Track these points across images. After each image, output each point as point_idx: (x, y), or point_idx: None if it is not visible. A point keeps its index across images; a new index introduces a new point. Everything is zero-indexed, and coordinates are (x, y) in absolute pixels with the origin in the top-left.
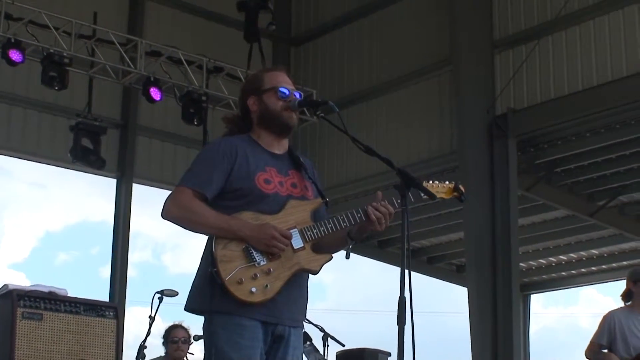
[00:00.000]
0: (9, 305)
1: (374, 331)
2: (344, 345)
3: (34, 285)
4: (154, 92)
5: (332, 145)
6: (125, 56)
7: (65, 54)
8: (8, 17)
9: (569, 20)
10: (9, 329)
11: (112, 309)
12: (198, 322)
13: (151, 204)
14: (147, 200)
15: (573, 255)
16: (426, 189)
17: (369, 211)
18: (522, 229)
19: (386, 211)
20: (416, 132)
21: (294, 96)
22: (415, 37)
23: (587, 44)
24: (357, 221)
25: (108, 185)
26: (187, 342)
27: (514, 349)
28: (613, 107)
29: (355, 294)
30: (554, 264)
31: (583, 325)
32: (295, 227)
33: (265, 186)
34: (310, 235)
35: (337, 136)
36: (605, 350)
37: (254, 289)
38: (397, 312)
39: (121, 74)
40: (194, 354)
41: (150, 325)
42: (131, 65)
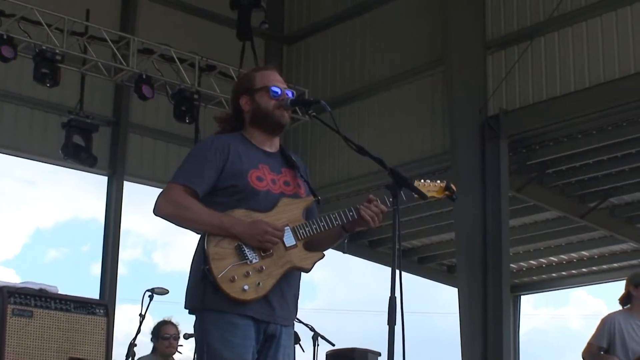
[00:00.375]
0: None
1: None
2: (334, 344)
3: (24, 282)
4: (146, 90)
5: (324, 145)
6: (118, 53)
7: (57, 51)
8: (0, 13)
9: (562, 21)
10: None
11: (103, 306)
12: (187, 319)
13: (142, 201)
14: (139, 198)
15: (564, 256)
16: (418, 189)
17: (361, 210)
18: (513, 230)
19: (378, 210)
20: (408, 132)
21: (286, 95)
22: (408, 37)
23: (579, 46)
24: (350, 220)
25: (99, 183)
26: (177, 339)
27: (503, 350)
28: (605, 108)
29: (346, 294)
30: (544, 265)
31: (573, 327)
32: (288, 225)
33: (258, 183)
34: (303, 233)
35: (329, 135)
36: (603, 353)
37: (246, 286)
38: (387, 312)
39: (113, 72)
40: (182, 345)
41: (141, 323)
42: (123, 62)
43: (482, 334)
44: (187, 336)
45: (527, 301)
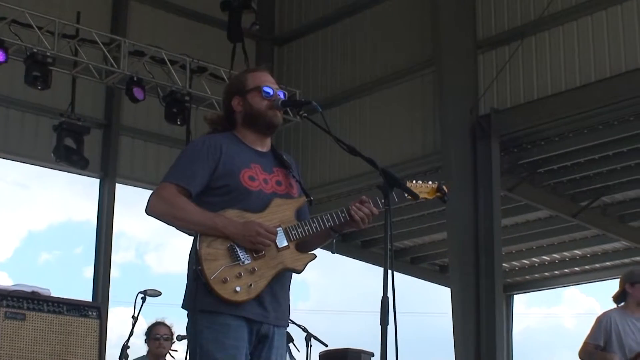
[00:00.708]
0: None
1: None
2: (327, 345)
3: (16, 285)
4: (137, 92)
5: (315, 146)
6: (109, 56)
7: (48, 54)
8: None
9: (553, 20)
10: None
11: (95, 309)
12: (181, 320)
13: (134, 204)
14: (131, 200)
15: (556, 255)
16: (409, 189)
17: (352, 211)
18: (505, 229)
19: (369, 212)
20: (399, 132)
21: (278, 95)
22: (399, 37)
23: (570, 45)
24: (342, 221)
25: (91, 185)
26: (169, 340)
27: (496, 349)
28: (596, 107)
29: (339, 294)
30: (537, 265)
31: (566, 326)
32: (280, 226)
33: (250, 183)
34: (295, 234)
35: (320, 136)
36: (602, 352)
37: (238, 287)
38: (380, 312)
39: (104, 74)
40: (177, 350)
41: (134, 325)
42: (114, 65)
43: (475, 333)
44: (180, 338)
45: (520, 300)
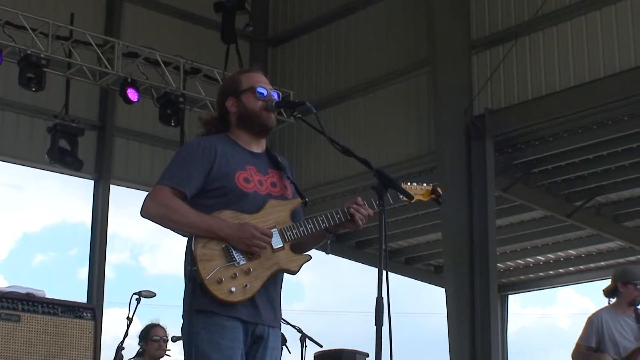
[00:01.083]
0: None
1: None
2: (321, 345)
3: (11, 286)
4: (131, 94)
5: (309, 147)
6: (103, 57)
7: (42, 55)
8: None
9: (547, 20)
10: None
11: (90, 310)
12: (175, 322)
13: (129, 205)
14: (125, 201)
15: (551, 255)
16: (404, 190)
17: (352, 210)
18: (500, 229)
19: (365, 212)
20: (394, 133)
21: (272, 96)
22: (393, 38)
23: (564, 45)
24: (337, 222)
25: (85, 187)
26: (166, 342)
27: (491, 350)
28: (590, 107)
29: (333, 295)
30: (531, 265)
31: (561, 326)
32: (275, 227)
33: (245, 185)
34: (290, 235)
35: (314, 137)
36: (595, 352)
37: (233, 288)
38: (374, 313)
39: (98, 75)
40: (170, 350)
41: (128, 326)
42: (108, 66)
43: (470, 334)
44: (175, 339)
45: (515, 300)
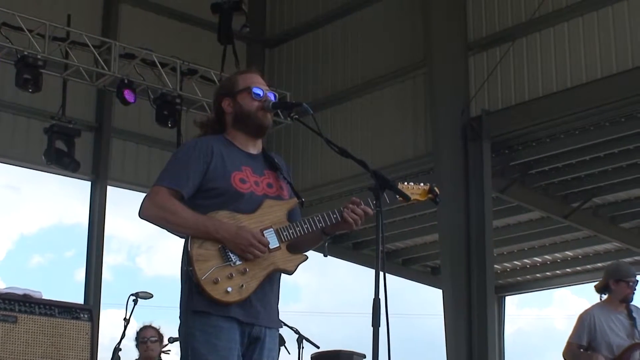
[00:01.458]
0: None
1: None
2: (318, 347)
3: (8, 287)
4: (128, 95)
5: (306, 148)
6: (99, 58)
7: (39, 57)
8: None
9: (543, 22)
10: None
11: (87, 311)
12: (172, 322)
13: (126, 206)
14: (122, 202)
15: (547, 257)
16: (401, 191)
17: (345, 213)
18: (497, 230)
19: (362, 213)
20: (391, 134)
21: (268, 97)
22: (390, 39)
23: (561, 46)
24: (333, 222)
25: (82, 188)
26: (157, 342)
27: (488, 351)
28: (587, 109)
29: (330, 296)
30: (528, 266)
31: (558, 327)
32: (271, 227)
33: (241, 185)
34: (286, 235)
35: (311, 138)
36: (588, 352)
37: (229, 288)
38: (371, 314)
39: (95, 77)
40: (170, 351)
41: (125, 327)
42: (105, 67)
43: (467, 335)
44: (172, 340)
45: (512, 302)
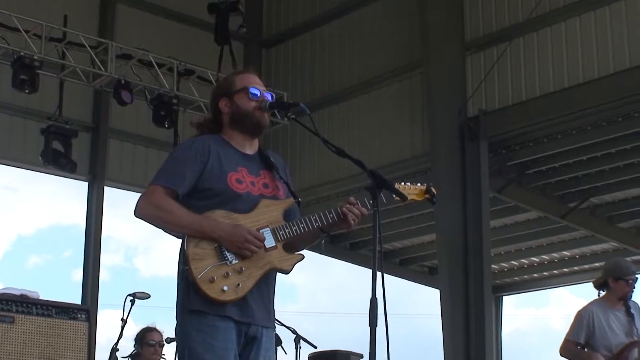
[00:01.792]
0: None
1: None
2: (316, 347)
3: (5, 288)
4: (125, 95)
5: (303, 148)
6: (96, 59)
7: (35, 57)
8: None
9: (541, 22)
10: None
11: (84, 311)
12: (169, 323)
13: (123, 206)
14: (119, 203)
15: (545, 256)
16: (398, 190)
17: (341, 212)
18: (494, 230)
19: (358, 213)
20: (388, 134)
21: (265, 97)
22: (387, 39)
23: (558, 46)
24: (330, 221)
25: (79, 189)
26: (162, 346)
27: (486, 351)
28: (584, 108)
29: (328, 296)
30: (525, 266)
31: (555, 327)
32: (268, 226)
33: (237, 186)
34: (283, 234)
35: (308, 138)
36: (585, 349)
37: (225, 287)
38: (368, 314)
39: (92, 77)
40: (165, 357)
41: (123, 327)
42: (102, 68)
43: (464, 335)
44: (169, 340)
45: (509, 302)
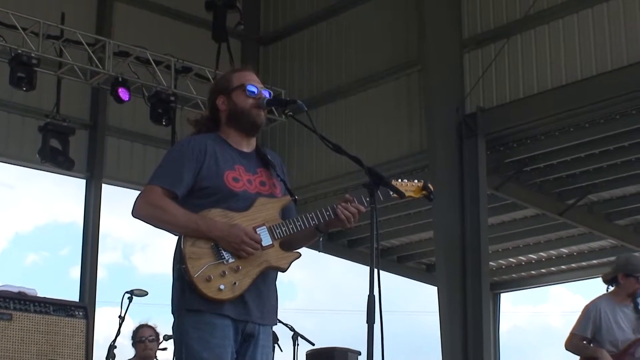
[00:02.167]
0: None
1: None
2: (314, 344)
3: (3, 285)
4: (122, 93)
5: (301, 145)
6: (94, 57)
7: (33, 55)
8: None
9: (538, 19)
10: None
11: (82, 309)
12: (168, 320)
13: (121, 204)
14: (117, 200)
15: (543, 254)
16: (395, 187)
17: (338, 210)
18: (492, 228)
19: (355, 210)
20: (386, 131)
21: (263, 94)
22: (385, 36)
23: (556, 43)
24: (327, 219)
25: (77, 186)
26: (154, 341)
27: (484, 348)
28: (582, 106)
29: (325, 294)
30: (523, 263)
31: (553, 324)
32: (264, 225)
33: (234, 184)
34: (279, 232)
35: (306, 136)
36: (591, 345)
37: (222, 286)
38: (366, 311)
39: (89, 75)
40: (167, 348)
41: (120, 325)
42: (99, 65)
43: (462, 332)
44: (167, 337)
45: (507, 299)
